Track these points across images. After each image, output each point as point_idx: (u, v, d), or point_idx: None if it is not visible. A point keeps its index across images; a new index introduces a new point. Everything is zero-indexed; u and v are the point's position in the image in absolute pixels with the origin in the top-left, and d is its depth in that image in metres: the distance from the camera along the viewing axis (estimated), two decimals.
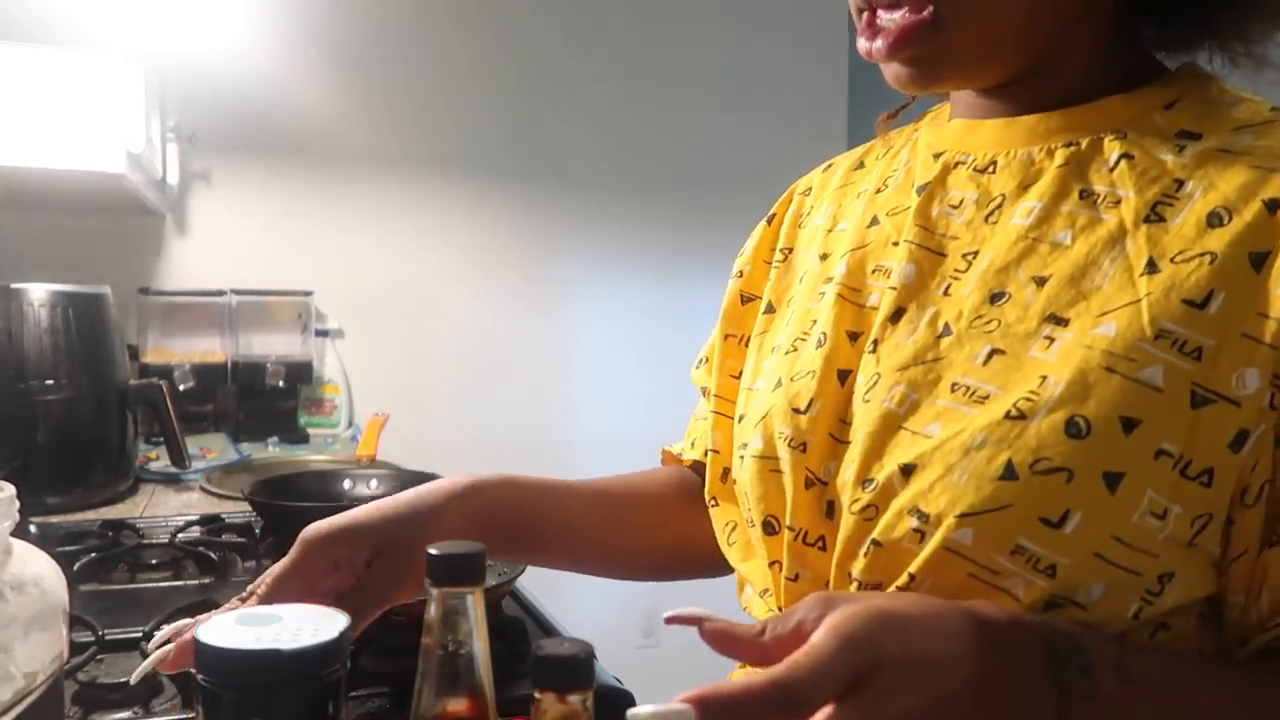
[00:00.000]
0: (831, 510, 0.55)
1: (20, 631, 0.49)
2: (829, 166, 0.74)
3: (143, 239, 2.19)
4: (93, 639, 0.81)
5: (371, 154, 2.40)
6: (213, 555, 1.13)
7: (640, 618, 2.71)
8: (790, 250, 0.70)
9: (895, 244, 0.59)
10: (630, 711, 0.38)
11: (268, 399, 2.16)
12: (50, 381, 1.39)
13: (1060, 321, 0.50)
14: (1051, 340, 0.50)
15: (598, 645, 0.48)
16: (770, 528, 0.58)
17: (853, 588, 0.52)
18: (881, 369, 0.55)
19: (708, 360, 0.78)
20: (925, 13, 0.52)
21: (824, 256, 0.65)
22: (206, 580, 1.09)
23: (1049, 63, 0.55)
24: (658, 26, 2.65)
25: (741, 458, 0.61)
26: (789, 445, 0.57)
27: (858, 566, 0.52)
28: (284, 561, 0.60)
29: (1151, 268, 0.49)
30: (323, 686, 0.41)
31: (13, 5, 1.54)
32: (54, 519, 1.37)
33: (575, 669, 0.43)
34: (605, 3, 2.60)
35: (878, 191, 0.64)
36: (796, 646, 0.40)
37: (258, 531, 1.25)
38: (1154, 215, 0.50)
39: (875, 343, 0.56)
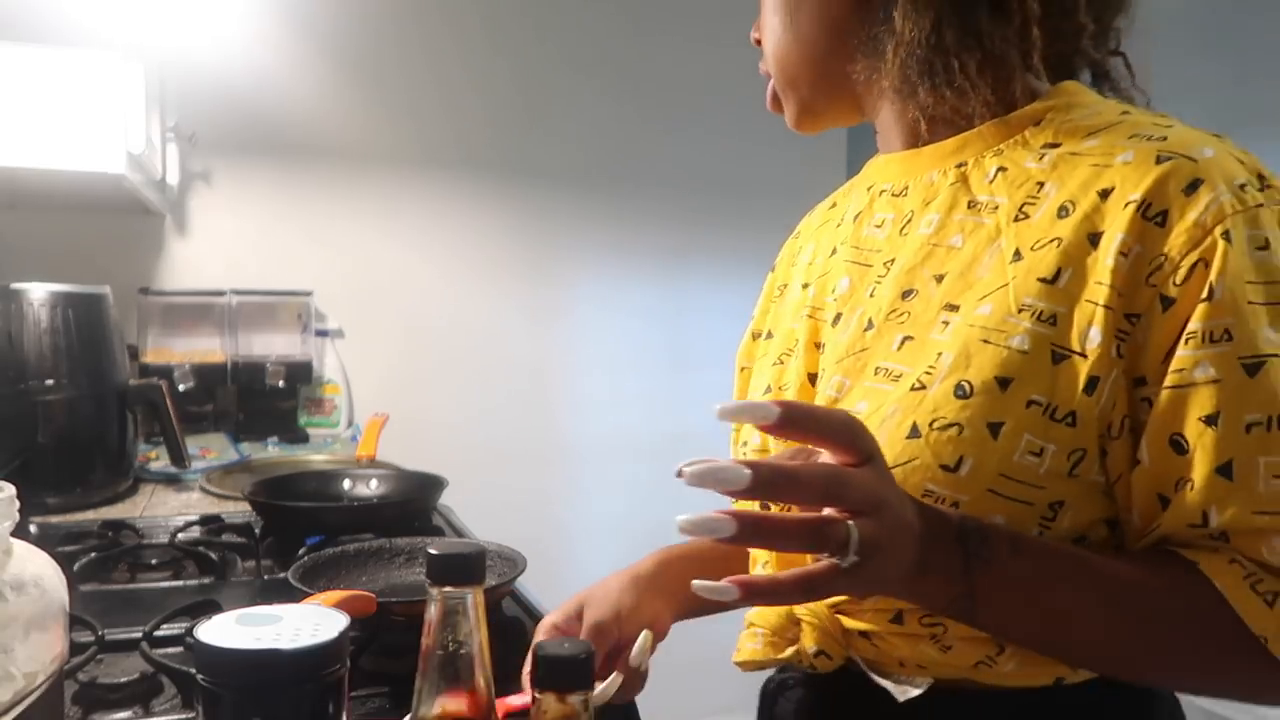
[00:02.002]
0: None
1: (20, 631, 0.49)
2: (812, 213, 0.88)
3: (143, 239, 2.19)
4: (93, 639, 0.81)
5: (372, 154, 2.40)
6: (213, 555, 1.13)
7: None
8: (785, 285, 0.82)
9: (844, 263, 0.72)
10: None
11: (268, 399, 2.16)
12: (50, 381, 1.39)
13: (953, 309, 0.61)
14: (947, 324, 0.61)
15: None
16: (764, 509, 0.64)
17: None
18: (826, 365, 0.68)
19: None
20: (770, 87, 0.78)
21: (805, 285, 0.77)
22: (206, 580, 1.09)
23: (875, 92, 0.71)
24: (658, 29, 2.65)
25: (745, 453, 0.72)
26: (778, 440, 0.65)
27: None
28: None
29: (1017, 256, 0.59)
30: (323, 686, 0.41)
31: (13, 5, 1.54)
32: (54, 519, 1.37)
33: (575, 669, 0.43)
34: (606, 5, 2.60)
35: (837, 225, 0.77)
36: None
37: (258, 531, 1.25)
38: (1021, 214, 0.61)
39: (819, 345, 0.70)
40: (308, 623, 0.43)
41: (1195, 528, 0.54)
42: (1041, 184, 0.61)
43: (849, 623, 0.63)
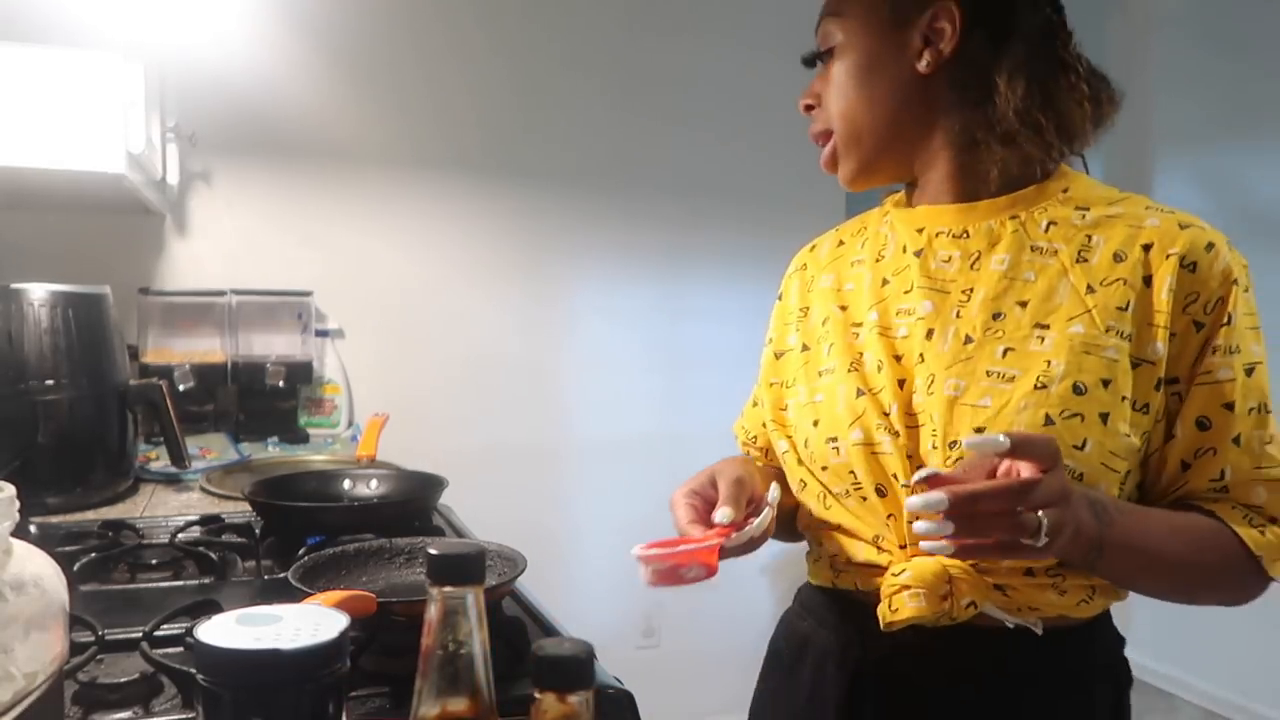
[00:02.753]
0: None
1: (20, 631, 0.49)
2: (814, 248, 1.04)
3: (143, 239, 2.19)
4: (93, 639, 0.81)
5: (372, 154, 2.40)
6: (213, 555, 1.12)
7: (640, 618, 2.72)
8: (807, 309, 0.98)
9: (907, 292, 0.87)
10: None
11: (268, 399, 2.16)
12: (50, 381, 1.39)
13: (1044, 327, 0.80)
14: (1042, 339, 0.79)
15: (598, 645, 0.48)
16: (881, 491, 0.83)
17: None
18: (934, 371, 0.82)
19: (750, 409, 1.07)
20: (830, 146, 0.92)
21: (843, 307, 0.93)
22: (206, 580, 1.09)
23: (934, 161, 0.89)
24: (659, 31, 2.65)
25: (837, 448, 0.85)
26: (887, 433, 0.82)
27: None
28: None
29: (1090, 290, 0.80)
30: (323, 686, 0.41)
31: (13, 5, 1.54)
32: (54, 519, 1.37)
33: (575, 669, 0.43)
34: (607, 6, 2.60)
35: (877, 260, 0.93)
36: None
37: (258, 531, 1.25)
38: (1081, 258, 0.81)
39: (921, 356, 0.83)
40: (308, 623, 0.43)
41: (1213, 482, 0.78)
42: (1090, 236, 0.82)
43: (988, 579, 0.78)
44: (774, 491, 0.83)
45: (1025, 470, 0.67)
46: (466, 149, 2.49)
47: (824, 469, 0.87)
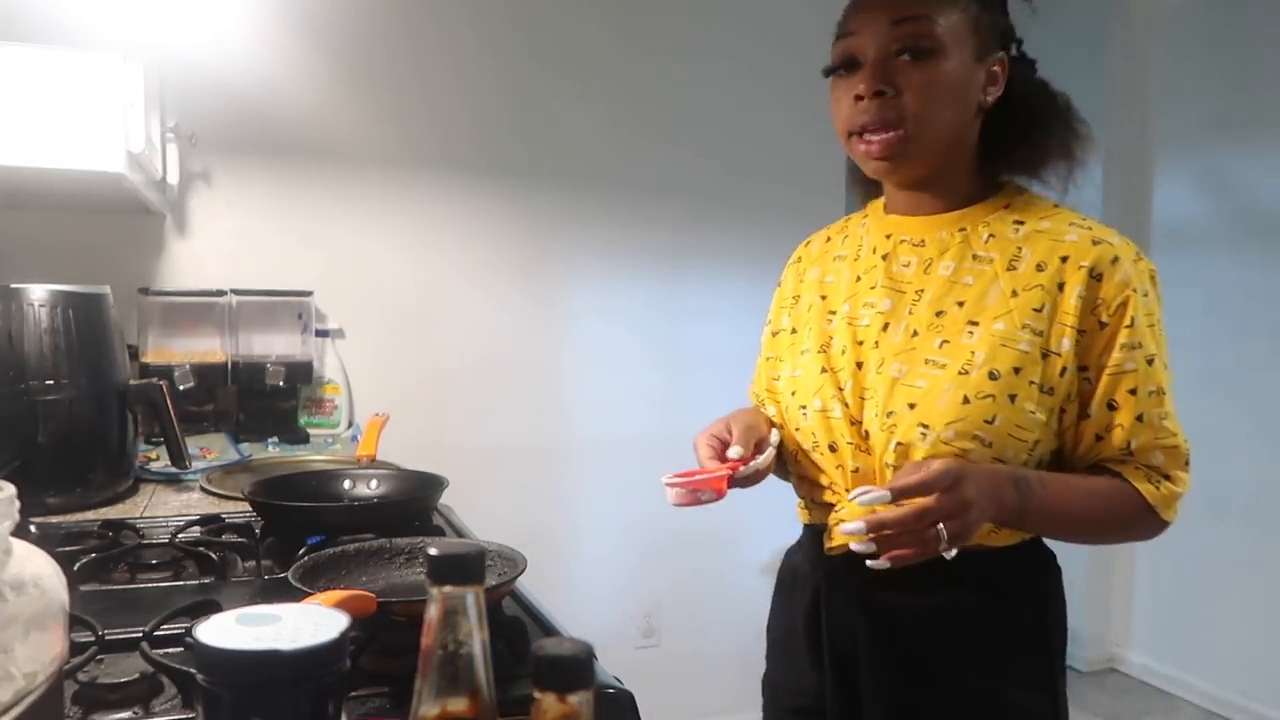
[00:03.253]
0: (866, 434, 1.00)
1: (20, 631, 0.49)
2: (809, 243, 1.22)
3: (143, 239, 2.19)
4: (93, 639, 0.81)
5: (371, 154, 2.40)
6: (213, 555, 1.12)
7: (640, 618, 2.72)
8: (798, 296, 1.16)
9: (873, 288, 1.05)
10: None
11: (268, 399, 2.16)
12: (50, 381, 1.39)
13: (974, 324, 0.97)
14: (971, 334, 0.97)
15: (598, 645, 0.48)
16: (833, 448, 1.02)
17: (889, 470, 0.97)
18: (884, 355, 1.01)
19: (758, 379, 1.23)
20: (901, 131, 0.98)
21: (823, 297, 1.11)
22: (206, 580, 1.09)
23: (940, 176, 1.03)
24: (659, 31, 2.65)
25: (805, 413, 1.05)
26: (839, 403, 1.02)
27: (889, 458, 0.98)
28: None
29: (1014, 294, 0.97)
30: (323, 686, 0.41)
31: (13, 5, 1.54)
32: (54, 519, 1.37)
33: (575, 669, 0.43)
34: (603, 9, 2.60)
35: (855, 259, 1.10)
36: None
37: (258, 531, 1.25)
38: (1011, 266, 0.99)
39: (877, 343, 1.02)
40: (308, 623, 0.42)
41: (1121, 451, 0.97)
42: (1020, 248, 0.99)
43: None
44: (775, 435, 1.05)
45: (924, 499, 0.84)
46: (467, 149, 2.49)
47: (796, 429, 1.07)
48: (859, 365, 1.02)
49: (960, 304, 0.98)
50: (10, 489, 0.52)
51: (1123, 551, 3.33)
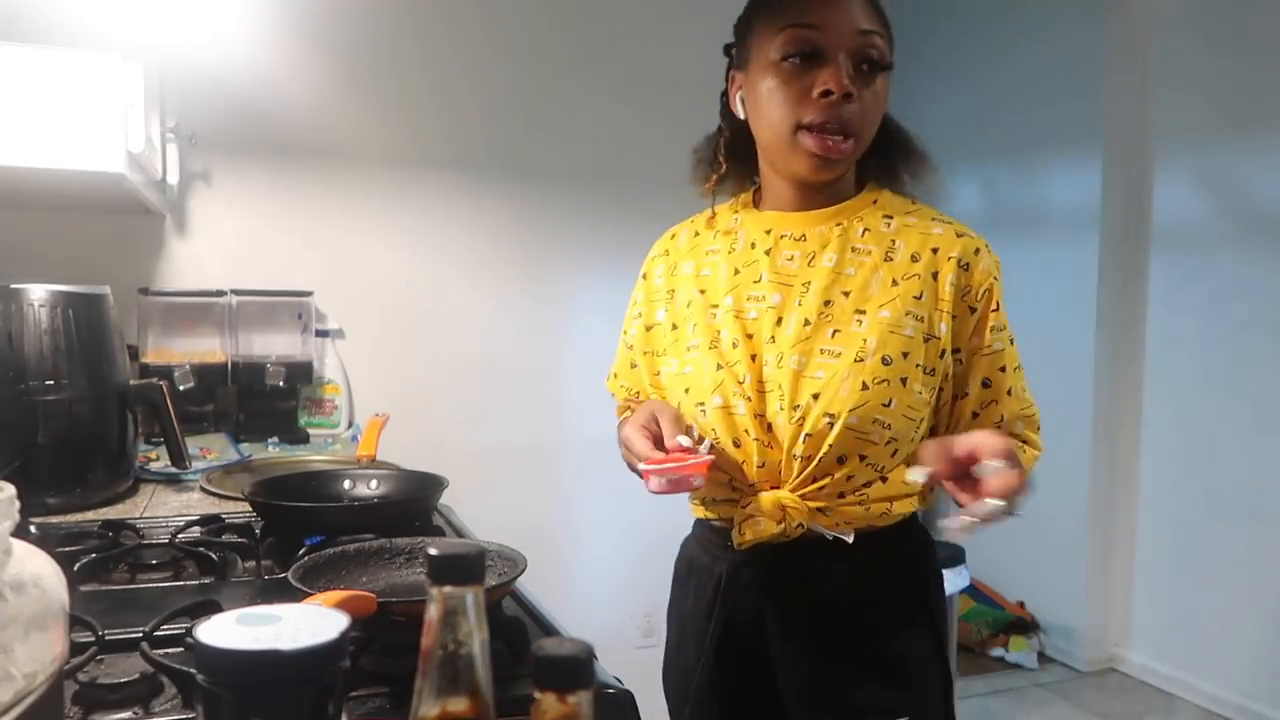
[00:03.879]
0: (770, 428, 1.03)
1: (20, 631, 0.49)
2: (674, 235, 1.25)
3: (143, 239, 2.19)
4: (93, 639, 0.81)
5: (372, 154, 2.40)
6: (213, 555, 1.12)
7: (640, 618, 2.71)
8: (673, 290, 1.18)
9: (756, 281, 1.08)
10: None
11: (268, 399, 2.16)
12: (50, 381, 1.39)
13: (861, 313, 1.02)
14: (860, 322, 1.02)
15: (598, 645, 0.48)
16: (736, 443, 1.04)
17: (797, 463, 1.01)
18: (782, 349, 1.03)
19: (629, 370, 1.25)
20: (854, 140, 1.03)
21: (702, 291, 1.12)
22: (206, 580, 1.09)
23: (839, 180, 1.09)
24: (659, 30, 2.65)
25: (704, 410, 1.06)
26: (741, 398, 1.03)
27: (799, 449, 1.01)
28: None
29: (894, 283, 1.03)
30: (323, 686, 0.41)
31: (12, 5, 1.54)
32: (54, 519, 1.37)
33: (575, 669, 0.43)
34: (604, 6, 2.60)
35: (729, 252, 1.13)
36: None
37: (258, 531, 1.25)
38: (888, 258, 1.05)
39: (773, 337, 1.05)
40: (308, 623, 0.42)
41: (996, 424, 1.04)
42: (894, 240, 1.06)
43: (813, 504, 1.02)
44: (695, 428, 1.06)
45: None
46: (467, 149, 2.49)
47: (689, 427, 1.06)
48: (753, 358, 1.04)
49: (846, 294, 1.03)
50: (10, 489, 0.52)
51: (1122, 551, 3.33)
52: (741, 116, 1.11)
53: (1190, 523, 3.08)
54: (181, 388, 2.01)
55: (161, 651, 0.78)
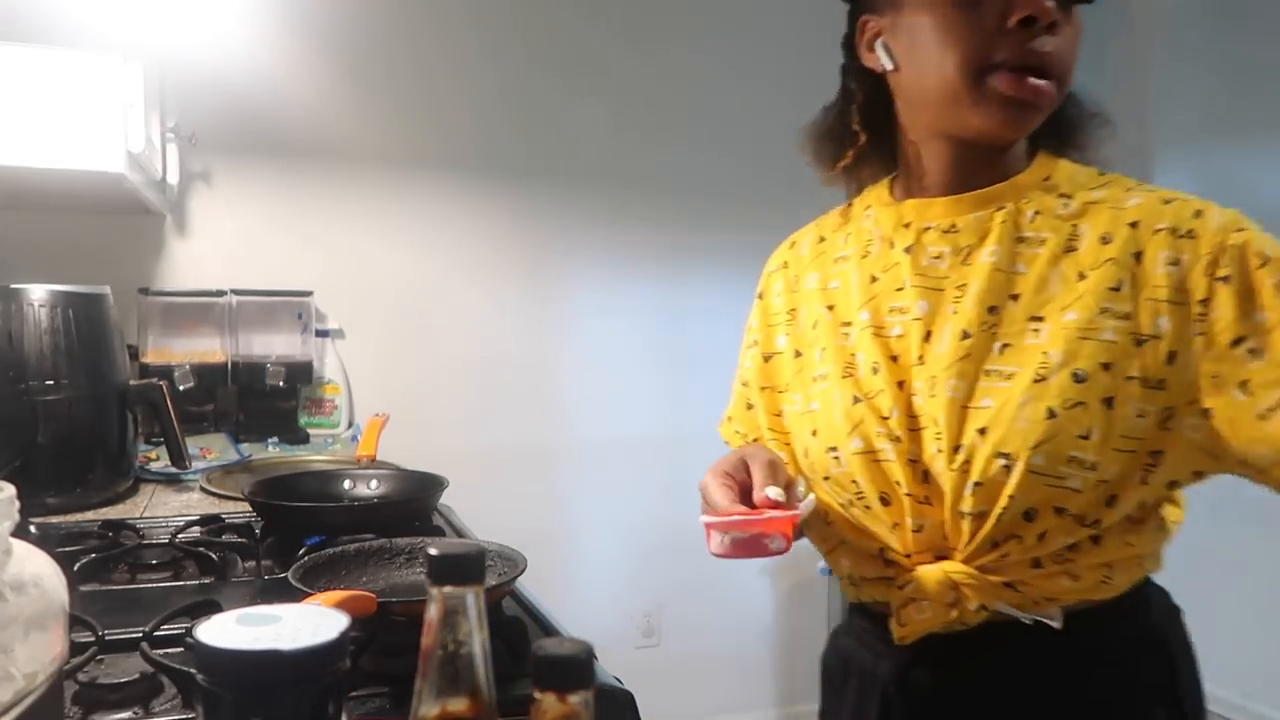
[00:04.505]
0: (926, 476, 0.79)
1: (20, 631, 0.49)
2: (793, 244, 1.02)
3: (143, 239, 2.19)
4: (93, 639, 0.81)
5: (372, 154, 2.40)
6: (213, 555, 1.12)
7: (640, 618, 2.71)
8: (795, 310, 0.96)
9: (899, 289, 0.85)
10: None
11: (268, 399, 2.16)
12: (50, 381, 1.39)
13: (1038, 319, 0.78)
14: (1038, 331, 0.77)
15: (598, 645, 0.48)
16: (885, 500, 0.81)
17: (966, 522, 0.77)
18: (934, 372, 0.80)
19: (744, 413, 1.02)
20: (1051, 86, 0.78)
21: (830, 307, 0.90)
22: (206, 580, 1.09)
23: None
24: (660, 33, 2.65)
25: (837, 458, 0.84)
26: (888, 440, 0.80)
27: (967, 504, 0.77)
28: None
29: (1081, 277, 0.77)
30: (323, 686, 0.41)
31: (12, 5, 1.54)
32: (54, 519, 1.37)
33: (575, 669, 0.43)
34: (604, 8, 2.60)
35: (863, 257, 0.90)
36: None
37: (258, 531, 1.25)
38: (1069, 247, 0.79)
39: (921, 358, 0.81)
40: (308, 623, 0.42)
41: None
42: (1075, 225, 0.80)
43: (995, 577, 0.78)
44: (802, 481, 0.84)
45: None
46: (467, 149, 2.49)
47: (825, 479, 0.85)
48: (900, 386, 0.82)
49: (1015, 297, 0.79)
50: (10, 489, 0.52)
51: None
52: (884, 68, 0.85)
53: (1190, 523, 3.07)
54: (181, 388, 2.01)
55: (161, 651, 0.78)
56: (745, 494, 0.77)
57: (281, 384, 2.14)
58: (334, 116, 2.33)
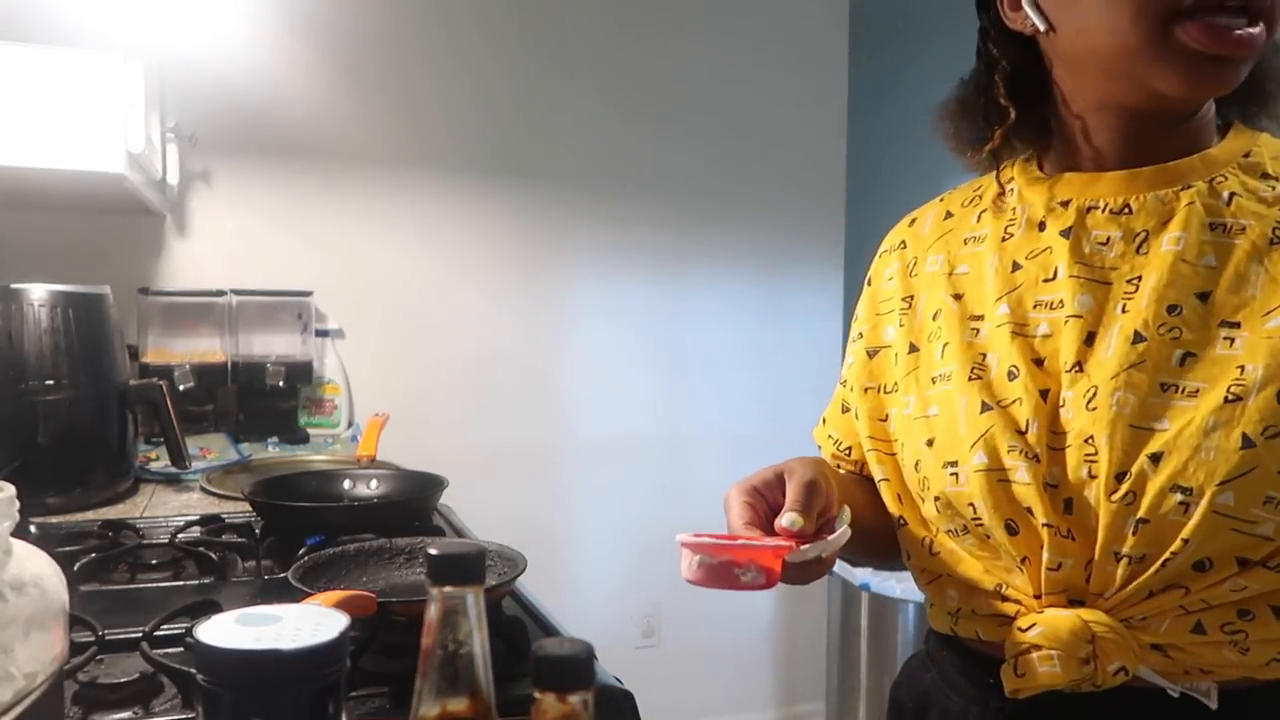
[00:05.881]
0: (1069, 506, 0.65)
1: (20, 631, 0.49)
2: (913, 221, 0.86)
3: (143, 239, 2.19)
4: (93, 639, 0.81)
5: (372, 154, 2.40)
6: (213, 555, 1.13)
7: (640, 618, 2.71)
8: (912, 297, 0.81)
9: (1047, 280, 0.71)
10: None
11: (268, 399, 2.16)
12: (50, 381, 1.39)
13: (1233, 325, 0.63)
14: (1231, 340, 0.63)
15: (598, 645, 0.48)
16: (1012, 529, 0.67)
17: (1122, 565, 0.63)
18: (1096, 382, 0.66)
19: (838, 415, 0.89)
20: (1260, 31, 0.63)
21: (958, 296, 0.76)
22: (206, 580, 1.09)
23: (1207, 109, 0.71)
24: (658, 33, 2.65)
25: (956, 474, 0.70)
26: (1023, 457, 0.66)
27: (1127, 545, 0.63)
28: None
29: None
30: (323, 686, 0.41)
31: (13, 5, 1.54)
32: (54, 519, 1.37)
33: (575, 669, 0.43)
34: (604, 8, 2.60)
35: (1003, 240, 0.75)
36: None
37: (258, 531, 1.25)
38: (1275, 238, 0.65)
39: (1079, 364, 0.67)
40: (308, 623, 0.42)
41: None
42: None
43: (1145, 636, 0.64)
44: (846, 514, 0.70)
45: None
46: (467, 149, 2.49)
47: (936, 499, 0.71)
48: (1044, 396, 0.68)
49: (1203, 296, 0.65)
50: (10, 489, 0.52)
51: None
52: (1035, 29, 0.71)
53: None
54: (181, 388, 2.01)
55: (161, 651, 0.79)
56: (772, 516, 0.66)
57: (281, 384, 2.14)
58: (334, 116, 2.33)
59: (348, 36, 2.34)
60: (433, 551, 0.46)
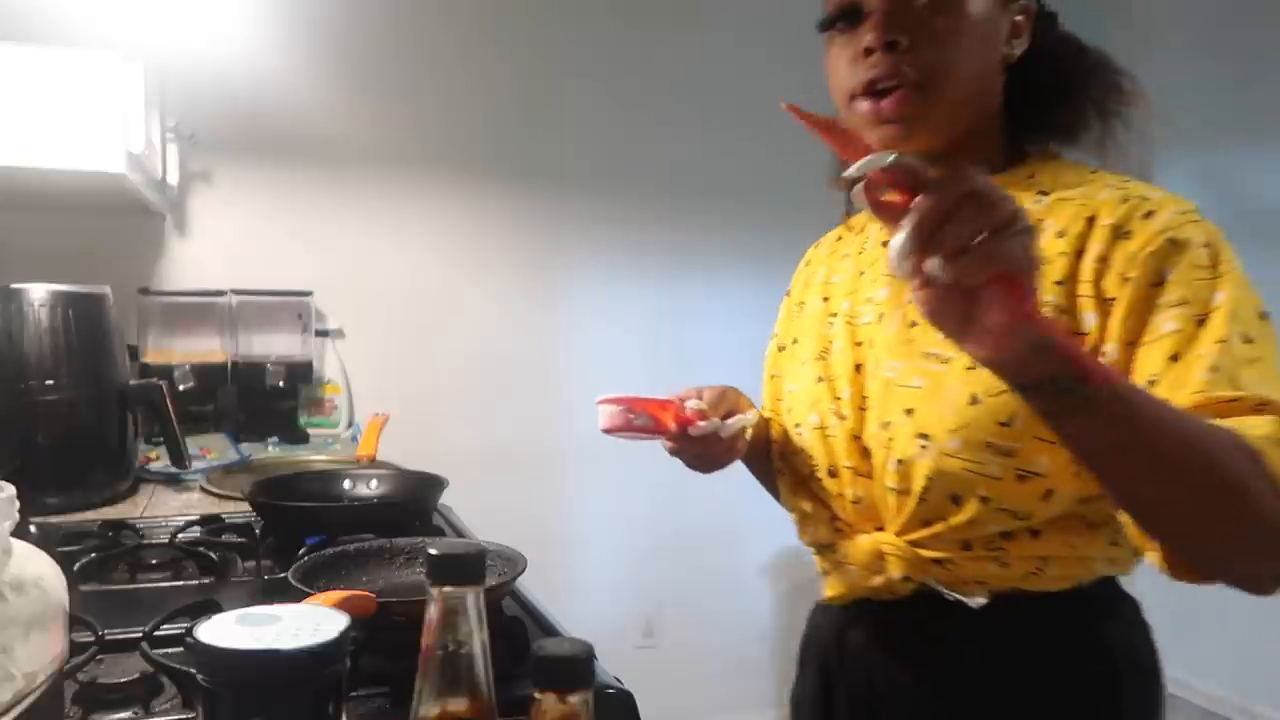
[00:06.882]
0: (866, 453, 0.85)
1: (20, 631, 0.49)
2: (819, 244, 1.09)
3: (143, 239, 2.19)
4: (93, 639, 0.81)
5: (372, 154, 2.40)
6: (213, 555, 1.12)
7: (640, 618, 2.72)
8: (803, 303, 1.03)
9: (874, 281, 0.90)
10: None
11: (268, 399, 2.16)
12: (50, 381, 1.39)
13: None
14: None
15: (598, 645, 0.48)
16: (833, 473, 0.88)
17: (893, 497, 0.82)
18: (878, 354, 0.86)
19: (768, 403, 1.07)
20: (907, 95, 0.80)
21: (825, 299, 0.97)
22: (206, 580, 1.09)
23: (960, 145, 0.84)
24: (658, 32, 2.65)
25: (800, 431, 0.92)
26: (836, 417, 0.88)
27: (889, 480, 0.82)
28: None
29: None
30: (323, 686, 0.41)
31: (12, 5, 1.54)
32: (54, 519, 1.37)
33: (575, 669, 0.43)
34: (607, 7, 2.60)
35: (860, 253, 0.97)
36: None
37: (258, 531, 1.25)
38: None
39: (873, 341, 0.86)
40: (308, 623, 0.42)
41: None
42: (1042, 220, 0.80)
43: (925, 553, 0.81)
44: (751, 415, 0.89)
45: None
46: (467, 149, 2.49)
47: (795, 453, 0.93)
48: (857, 369, 0.88)
49: None
50: (10, 489, 0.52)
51: None
52: None
53: None
54: (181, 388, 2.01)
55: (161, 651, 0.78)
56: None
57: (281, 384, 2.14)
58: (334, 117, 2.33)
59: (348, 36, 2.34)
60: (433, 551, 0.46)
